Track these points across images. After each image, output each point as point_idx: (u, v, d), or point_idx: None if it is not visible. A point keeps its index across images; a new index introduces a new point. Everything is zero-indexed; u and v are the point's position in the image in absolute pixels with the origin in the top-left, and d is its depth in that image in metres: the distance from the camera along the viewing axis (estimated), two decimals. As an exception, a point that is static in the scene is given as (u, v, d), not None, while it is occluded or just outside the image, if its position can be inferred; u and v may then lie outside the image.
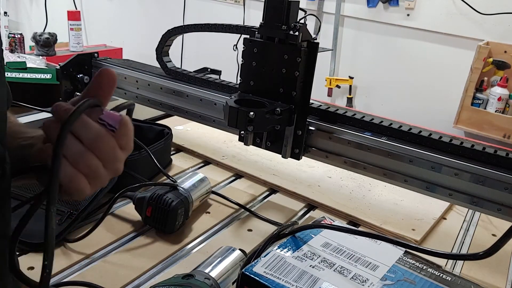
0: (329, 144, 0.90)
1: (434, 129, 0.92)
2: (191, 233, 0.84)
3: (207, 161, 1.14)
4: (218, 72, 1.42)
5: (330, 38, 2.58)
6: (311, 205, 0.99)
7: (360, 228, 0.90)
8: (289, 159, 0.93)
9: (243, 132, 0.93)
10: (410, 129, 0.87)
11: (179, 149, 1.19)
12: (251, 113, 0.80)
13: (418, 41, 2.38)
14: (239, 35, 0.97)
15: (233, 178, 1.08)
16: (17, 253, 0.73)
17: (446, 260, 0.81)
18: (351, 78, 2.58)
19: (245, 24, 0.96)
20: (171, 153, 1.14)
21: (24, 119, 1.09)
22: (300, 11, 0.86)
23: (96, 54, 1.27)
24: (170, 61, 1.15)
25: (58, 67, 1.24)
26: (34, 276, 0.68)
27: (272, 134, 0.92)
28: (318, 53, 0.86)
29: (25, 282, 0.45)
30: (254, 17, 2.85)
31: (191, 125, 1.28)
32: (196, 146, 1.18)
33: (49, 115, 0.99)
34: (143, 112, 1.25)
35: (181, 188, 0.85)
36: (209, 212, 0.92)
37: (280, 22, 0.83)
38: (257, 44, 0.87)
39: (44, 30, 2.74)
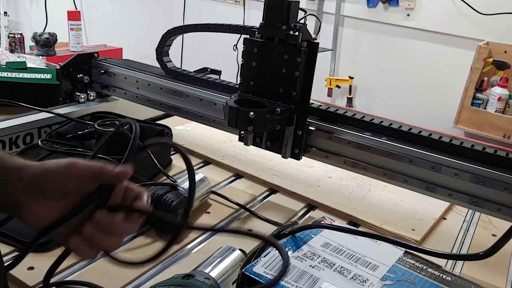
0: (329, 144, 0.90)
1: (434, 129, 0.92)
2: (191, 233, 0.84)
3: (207, 161, 1.13)
4: (218, 72, 1.42)
5: (330, 38, 2.58)
6: (311, 205, 0.99)
7: (360, 228, 0.90)
8: (289, 159, 0.93)
9: (243, 132, 0.93)
10: (410, 129, 0.87)
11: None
12: (251, 113, 0.80)
13: (418, 41, 2.38)
14: (239, 35, 0.97)
15: (233, 178, 1.08)
16: (17, 253, 0.73)
17: (446, 260, 0.81)
18: (351, 78, 2.58)
19: (245, 24, 0.96)
20: (171, 153, 1.14)
21: (24, 119, 1.09)
22: (300, 11, 0.86)
23: (96, 54, 1.27)
24: (170, 61, 1.15)
25: (58, 67, 1.24)
26: (34, 276, 0.68)
27: (272, 134, 0.92)
28: (318, 53, 0.86)
29: None
30: (254, 17, 2.85)
31: (191, 125, 1.28)
32: (196, 146, 1.18)
33: (49, 115, 1.00)
34: (143, 112, 1.25)
35: (181, 188, 0.85)
36: (209, 212, 0.92)
37: (280, 22, 0.83)
38: (257, 44, 0.87)
39: (44, 30, 2.74)
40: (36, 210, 0.49)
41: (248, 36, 0.89)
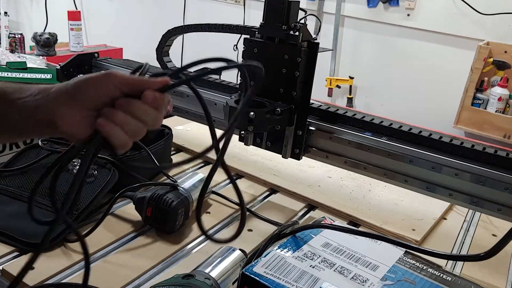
0: (330, 144, 0.90)
1: (434, 129, 0.92)
2: (191, 233, 0.84)
3: (207, 161, 1.13)
4: (218, 72, 1.42)
5: (330, 38, 2.58)
6: (311, 205, 0.99)
7: (360, 228, 0.90)
8: (289, 159, 0.93)
9: (243, 132, 0.93)
10: (410, 129, 0.87)
11: (179, 149, 1.19)
12: (251, 113, 0.80)
13: (418, 41, 2.38)
14: (239, 35, 0.97)
15: (234, 178, 1.08)
16: (17, 253, 0.73)
17: (446, 260, 0.81)
18: (351, 78, 2.58)
19: (245, 24, 0.96)
20: (171, 153, 1.14)
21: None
22: (300, 11, 0.86)
23: (96, 54, 1.27)
24: (170, 61, 1.15)
25: (58, 67, 1.24)
26: (34, 276, 0.68)
27: (272, 134, 0.92)
28: (318, 53, 0.86)
29: None
30: (254, 17, 2.85)
31: (191, 125, 1.28)
32: (196, 146, 1.18)
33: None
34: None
35: (181, 188, 0.85)
36: (209, 212, 0.92)
37: (280, 22, 0.83)
38: (257, 44, 0.87)
39: (44, 30, 2.74)
40: (71, 116, 0.50)
41: (248, 36, 0.89)
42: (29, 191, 0.85)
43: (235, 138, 0.99)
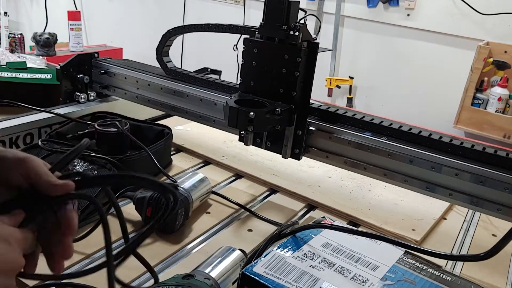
0: (329, 144, 0.90)
1: (434, 129, 0.92)
2: (191, 233, 0.84)
3: (207, 161, 1.13)
4: (218, 72, 1.42)
5: (330, 38, 2.59)
6: (311, 205, 0.99)
7: (360, 228, 0.90)
8: (289, 159, 0.93)
9: (243, 132, 0.93)
10: (410, 129, 0.87)
11: (179, 149, 1.19)
12: (251, 113, 0.80)
13: (418, 41, 2.38)
14: (239, 35, 0.97)
15: (233, 178, 1.08)
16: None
17: (446, 260, 0.81)
18: (351, 78, 2.58)
19: (245, 24, 0.96)
20: (171, 153, 1.14)
21: (24, 119, 1.09)
22: (300, 11, 0.86)
23: (96, 54, 1.27)
24: (170, 61, 1.15)
25: (58, 67, 1.24)
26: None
27: (272, 134, 0.92)
28: (318, 53, 0.86)
29: None
30: (254, 17, 2.85)
31: (191, 125, 1.28)
32: (196, 146, 1.18)
33: (49, 115, 1.00)
34: (143, 112, 1.25)
35: (181, 188, 0.85)
36: (209, 212, 0.92)
37: (280, 22, 0.83)
38: (257, 44, 0.87)
39: (44, 30, 2.74)
40: None
41: (248, 36, 0.89)
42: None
43: (235, 138, 0.99)
